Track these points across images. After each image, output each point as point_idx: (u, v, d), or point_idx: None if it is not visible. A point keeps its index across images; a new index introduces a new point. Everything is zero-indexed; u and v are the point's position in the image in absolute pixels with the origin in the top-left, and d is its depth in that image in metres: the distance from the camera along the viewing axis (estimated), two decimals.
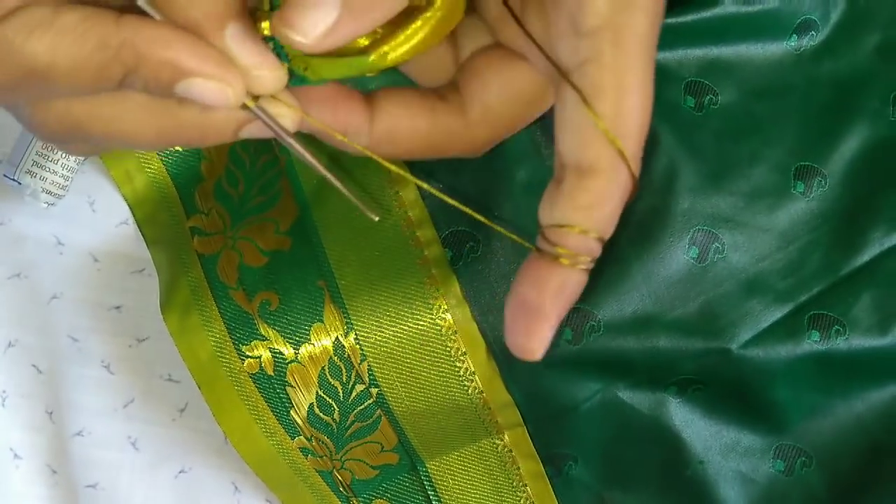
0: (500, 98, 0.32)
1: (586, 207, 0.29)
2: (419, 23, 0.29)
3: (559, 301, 0.30)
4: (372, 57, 0.29)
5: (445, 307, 0.40)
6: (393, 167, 0.33)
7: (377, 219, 0.33)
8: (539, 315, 0.30)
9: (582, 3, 0.28)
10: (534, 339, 0.30)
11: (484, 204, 0.40)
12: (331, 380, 0.40)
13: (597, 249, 0.30)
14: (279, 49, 0.29)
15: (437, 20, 0.29)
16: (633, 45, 0.28)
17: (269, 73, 0.28)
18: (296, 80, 0.29)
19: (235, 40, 0.28)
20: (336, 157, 0.42)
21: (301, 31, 0.27)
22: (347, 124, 0.31)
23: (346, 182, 0.33)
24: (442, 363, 0.40)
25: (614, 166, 0.29)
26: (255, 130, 0.30)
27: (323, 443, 0.41)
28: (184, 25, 0.27)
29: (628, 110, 0.28)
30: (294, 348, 0.40)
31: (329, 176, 0.32)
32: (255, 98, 0.29)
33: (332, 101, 0.31)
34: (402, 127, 0.32)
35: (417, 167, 0.40)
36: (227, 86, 0.27)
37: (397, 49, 0.29)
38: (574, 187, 0.29)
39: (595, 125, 0.28)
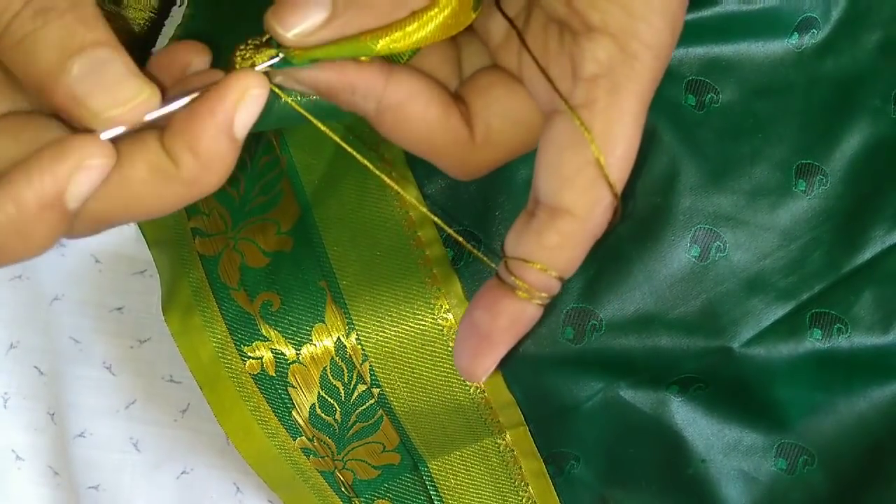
0: (502, 120, 0.31)
1: (553, 248, 0.29)
2: (426, 18, 0.29)
3: (510, 332, 0.31)
4: (379, 46, 0.28)
5: (447, 307, 0.40)
6: (390, 181, 0.32)
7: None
8: (488, 342, 0.31)
9: (583, 49, 0.28)
10: (478, 364, 0.31)
11: (485, 202, 0.40)
12: (332, 380, 0.40)
13: (555, 288, 0.30)
14: None
15: (445, 17, 0.29)
16: (627, 98, 0.28)
17: (133, 103, 0.25)
18: (280, 63, 0.28)
19: (83, 81, 0.25)
20: (334, 160, 0.42)
21: (287, 25, 0.27)
22: (358, 82, 0.29)
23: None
24: (443, 363, 0.40)
25: (589, 212, 0.29)
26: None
27: (325, 443, 0.41)
28: (28, 82, 0.25)
29: (612, 160, 0.29)
30: (296, 349, 0.40)
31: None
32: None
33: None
34: (414, 108, 0.30)
35: (419, 166, 0.40)
36: (83, 164, 0.25)
37: (403, 41, 0.28)
38: (545, 226, 0.29)
39: (593, 163, 0.28)
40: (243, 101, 0.26)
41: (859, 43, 0.40)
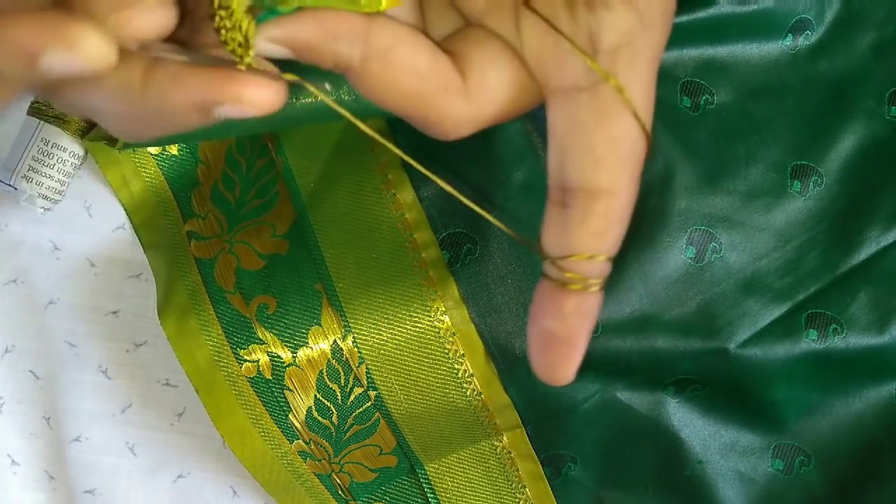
0: (500, 73, 0.29)
1: (600, 232, 0.29)
2: None
3: (583, 327, 0.30)
4: (364, 1, 0.26)
5: (443, 309, 0.40)
6: (387, 143, 0.31)
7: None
8: (566, 343, 0.30)
9: (604, 21, 0.28)
10: (567, 366, 0.30)
11: (481, 205, 0.40)
12: (329, 383, 0.40)
13: (607, 269, 0.30)
14: None
15: None
16: (645, 66, 0.28)
17: (143, 11, 0.25)
18: (265, 13, 0.26)
19: None
20: (329, 163, 0.42)
21: None
22: (340, 28, 0.27)
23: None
24: (440, 365, 0.40)
25: (627, 186, 0.29)
26: (229, 111, 0.26)
27: (321, 446, 0.41)
28: None
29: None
30: (292, 352, 0.40)
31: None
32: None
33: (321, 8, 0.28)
34: (401, 54, 0.28)
35: (415, 169, 0.40)
36: (76, 46, 0.24)
37: None
38: (587, 213, 0.28)
39: (621, 137, 0.28)
40: (241, 103, 0.25)
41: (853, 44, 0.40)
